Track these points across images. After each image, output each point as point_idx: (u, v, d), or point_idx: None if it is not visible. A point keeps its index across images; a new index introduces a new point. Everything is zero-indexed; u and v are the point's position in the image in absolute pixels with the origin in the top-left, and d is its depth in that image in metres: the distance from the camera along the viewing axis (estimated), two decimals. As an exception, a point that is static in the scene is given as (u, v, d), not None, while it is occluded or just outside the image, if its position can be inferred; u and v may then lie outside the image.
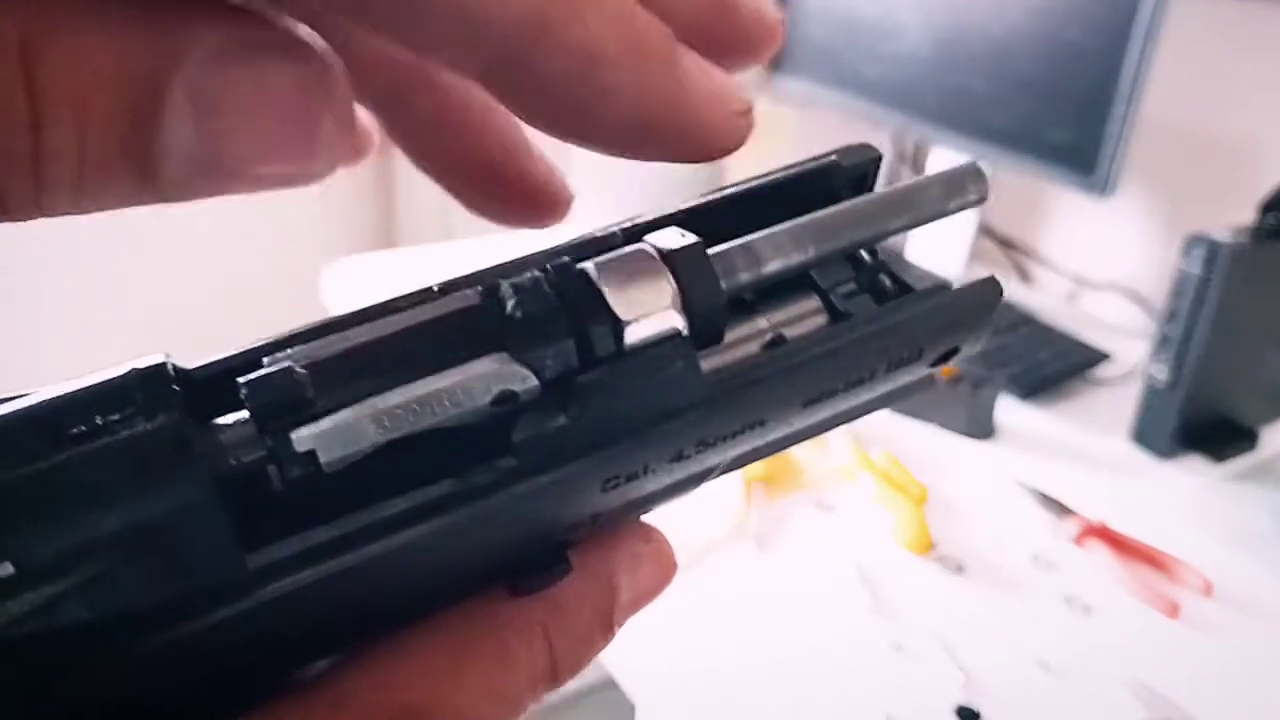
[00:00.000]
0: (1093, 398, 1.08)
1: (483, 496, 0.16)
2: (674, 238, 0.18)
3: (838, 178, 0.21)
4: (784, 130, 1.50)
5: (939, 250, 1.25)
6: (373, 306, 0.18)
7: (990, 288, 0.20)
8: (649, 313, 0.17)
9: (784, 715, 0.67)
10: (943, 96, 1.18)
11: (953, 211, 0.20)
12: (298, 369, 0.15)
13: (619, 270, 0.17)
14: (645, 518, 0.21)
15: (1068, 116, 1.04)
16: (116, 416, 0.14)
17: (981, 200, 0.20)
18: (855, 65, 1.29)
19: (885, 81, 1.25)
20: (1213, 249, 0.89)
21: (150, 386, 0.15)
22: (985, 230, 1.38)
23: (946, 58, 1.17)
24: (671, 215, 0.20)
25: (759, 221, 0.19)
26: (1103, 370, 1.11)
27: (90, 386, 0.15)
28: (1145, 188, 1.24)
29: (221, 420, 0.16)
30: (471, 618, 0.18)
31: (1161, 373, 0.95)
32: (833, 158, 0.21)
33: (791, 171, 0.21)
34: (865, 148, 0.21)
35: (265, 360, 0.16)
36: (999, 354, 1.09)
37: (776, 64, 1.40)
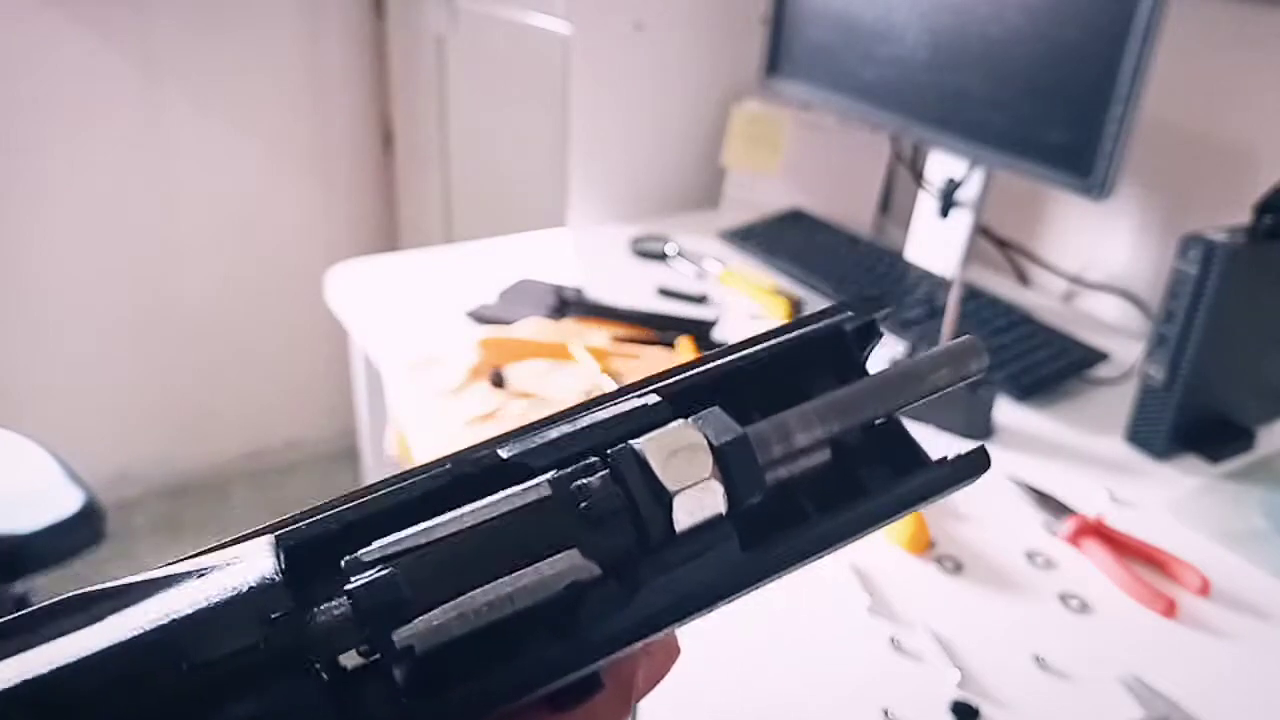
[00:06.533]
0: (1091, 398, 1.09)
1: (551, 670, 0.19)
2: (722, 427, 0.21)
3: (849, 333, 0.25)
4: (781, 132, 1.50)
5: (938, 251, 1.26)
6: (445, 472, 0.21)
7: (982, 458, 0.25)
8: (701, 510, 0.21)
9: (783, 711, 0.68)
10: (940, 99, 1.18)
11: (958, 384, 0.25)
12: (397, 574, 0.18)
13: (677, 471, 0.21)
14: None
15: (1065, 119, 1.05)
16: (234, 648, 0.17)
17: (982, 372, 0.25)
18: (853, 67, 1.29)
19: (883, 84, 1.25)
20: (1209, 249, 0.89)
21: (264, 610, 0.17)
22: (983, 231, 1.38)
23: (944, 60, 1.17)
24: (704, 381, 0.24)
25: (783, 378, 0.24)
26: (1100, 370, 1.12)
27: (210, 607, 0.17)
28: (1142, 188, 1.25)
29: (324, 611, 0.18)
30: None
31: (1158, 372, 0.95)
32: (846, 314, 0.25)
33: (808, 330, 0.25)
34: (871, 303, 0.25)
35: (362, 553, 0.19)
36: (997, 354, 1.09)
37: (774, 66, 1.41)
